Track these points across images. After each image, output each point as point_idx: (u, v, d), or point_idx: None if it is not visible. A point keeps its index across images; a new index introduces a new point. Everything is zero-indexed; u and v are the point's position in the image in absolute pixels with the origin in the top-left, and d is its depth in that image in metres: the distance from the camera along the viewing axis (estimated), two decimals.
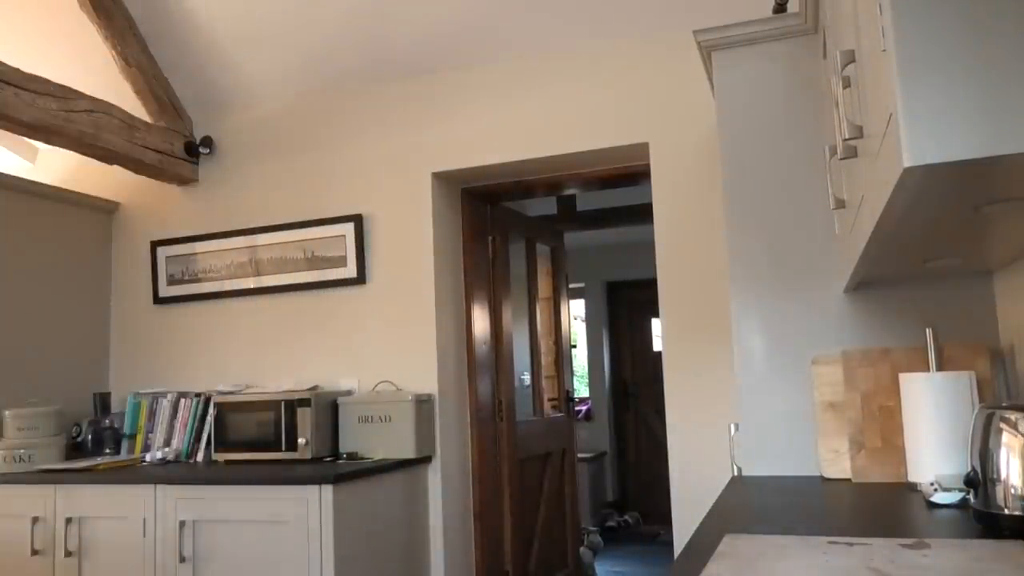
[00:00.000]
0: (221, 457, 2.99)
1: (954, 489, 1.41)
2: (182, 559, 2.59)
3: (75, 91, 2.97)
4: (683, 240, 2.81)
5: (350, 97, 3.33)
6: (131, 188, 3.63)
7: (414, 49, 3.11)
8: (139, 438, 3.27)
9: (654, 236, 2.86)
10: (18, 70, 2.75)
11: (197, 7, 3.12)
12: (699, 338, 2.74)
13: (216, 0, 3.07)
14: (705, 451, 2.69)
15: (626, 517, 6.28)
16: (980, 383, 1.64)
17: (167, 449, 3.14)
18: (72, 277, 3.48)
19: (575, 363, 6.21)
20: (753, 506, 1.52)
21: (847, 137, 1.09)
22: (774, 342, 1.94)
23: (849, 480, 1.75)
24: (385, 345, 3.15)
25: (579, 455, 5.22)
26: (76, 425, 3.26)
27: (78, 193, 3.53)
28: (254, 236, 3.37)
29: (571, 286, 5.18)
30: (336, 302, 3.24)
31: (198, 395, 3.23)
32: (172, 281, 3.52)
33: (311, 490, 2.47)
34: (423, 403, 2.96)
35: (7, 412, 2.97)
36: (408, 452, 2.88)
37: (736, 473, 1.98)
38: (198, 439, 3.17)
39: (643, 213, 3.64)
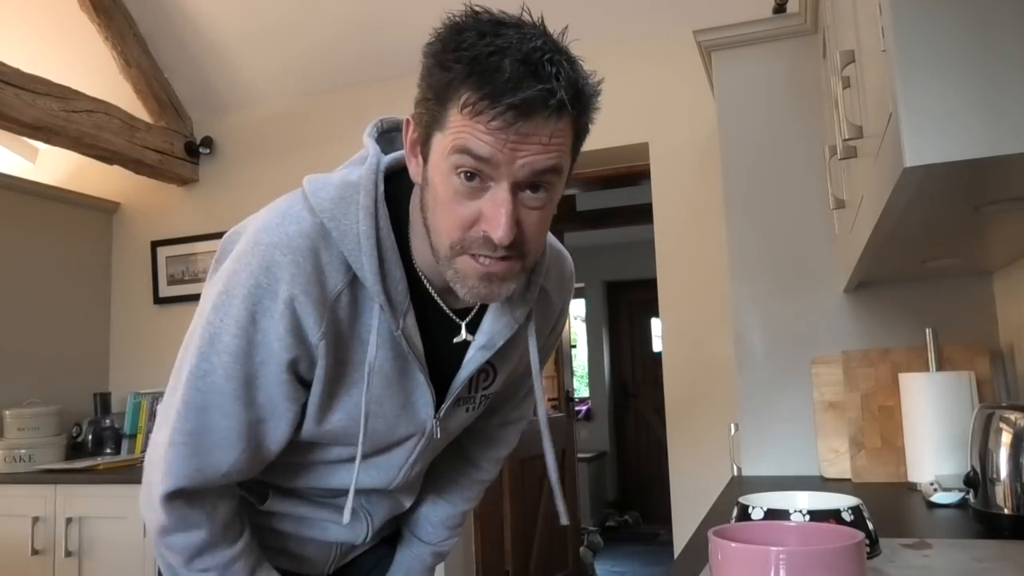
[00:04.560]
0: None
1: (954, 489, 1.41)
2: None
3: (75, 91, 2.97)
4: (683, 240, 2.80)
5: (350, 97, 3.33)
6: (131, 188, 3.63)
7: (414, 49, 3.09)
8: (139, 438, 3.26)
9: (654, 236, 2.86)
10: (18, 70, 2.75)
11: (197, 7, 3.12)
12: (699, 338, 2.74)
13: (216, 0, 3.07)
14: (705, 451, 2.68)
15: (626, 517, 6.29)
16: (980, 383, 1.64)
17: None
18: (72, 277, 3.48)
19: (575, 363, 6.22)
20: None
21: (847, 137, 1.09)
22: (774, 342, 1.94)
23: (849, 480, 1.75)
24: None
25: (579, 455, 5.21)
26: (76, 425, 3.26)
27: (78, 193, 3.53)
28: None
29: None
30: None
31: None
32: (172, 281, 3.51)
33: None
34: None
35: (7, 412, 2.97)
36: None
37: (736, 473, 1.98)
38: None
39: (643, 213, 3.63)
